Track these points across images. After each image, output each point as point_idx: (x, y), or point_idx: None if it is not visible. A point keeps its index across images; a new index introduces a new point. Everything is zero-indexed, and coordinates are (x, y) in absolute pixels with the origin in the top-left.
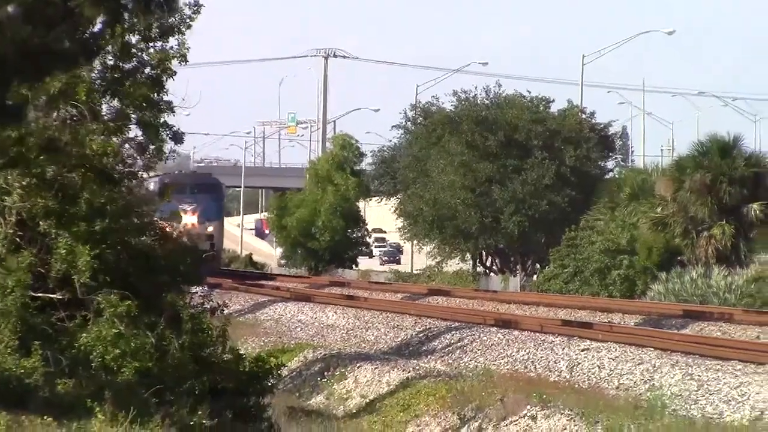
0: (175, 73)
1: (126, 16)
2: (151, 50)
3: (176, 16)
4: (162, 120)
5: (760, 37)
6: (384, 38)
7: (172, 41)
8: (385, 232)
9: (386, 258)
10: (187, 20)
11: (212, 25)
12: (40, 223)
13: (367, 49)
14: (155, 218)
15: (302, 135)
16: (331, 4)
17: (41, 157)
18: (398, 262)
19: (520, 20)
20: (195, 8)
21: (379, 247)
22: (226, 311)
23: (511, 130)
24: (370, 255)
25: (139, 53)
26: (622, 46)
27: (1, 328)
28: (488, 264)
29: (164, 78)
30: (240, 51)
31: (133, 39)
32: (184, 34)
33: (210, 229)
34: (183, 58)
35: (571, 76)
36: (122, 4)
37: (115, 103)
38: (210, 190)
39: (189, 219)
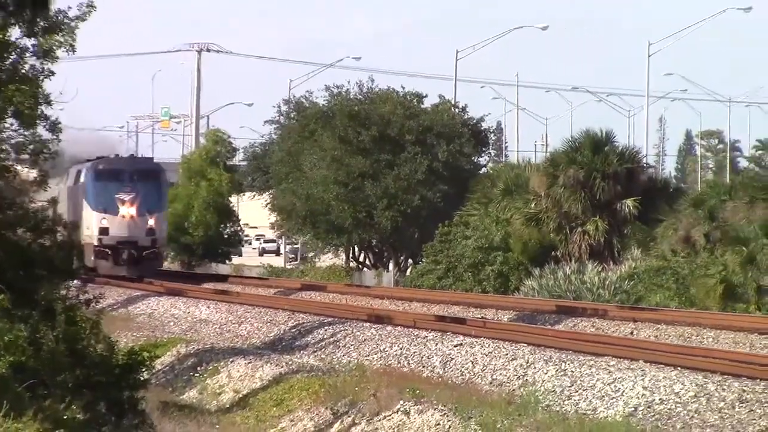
0: (58, 58)
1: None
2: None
3: (63, 12)
4: (40, 111)
5: (632, 31)
6: (257, 32)
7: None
8: (255, 227)
9: (292, 255)
10: (76, 20)
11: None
12: None
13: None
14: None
15: (175, 129)
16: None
17: None
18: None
19: (393, 13)
20: (88, 8)
21: (267, 242)
22: (99, 305)
23: (383, 125)
24: (240, 254)
25: (18, 50)
26: (497, 42)
27: None
28: (361, 259)
29: (44, 75)
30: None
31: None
32: (72, 32)
33: (151, 222)
34: (71, 48)
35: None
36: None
37: None
38: (151, 176)
39: (127, 210)
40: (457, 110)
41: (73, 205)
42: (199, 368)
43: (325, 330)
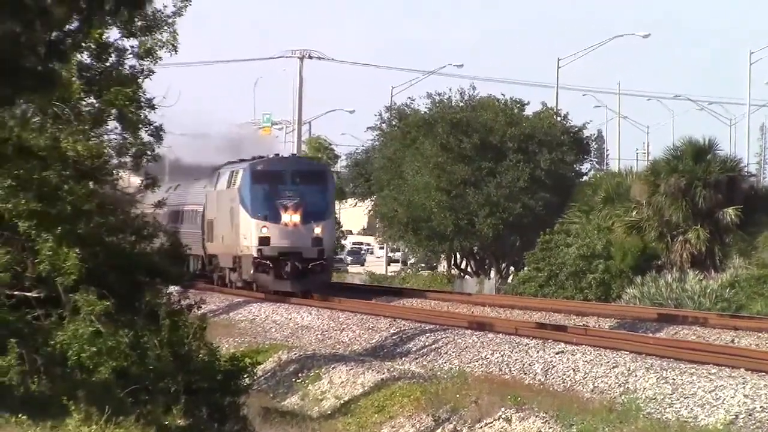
0: (160, 58)
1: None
2: (136, 42)
3: (159, 12)
4: (143, 116)
5: (735, 39)
6: (358, 39)
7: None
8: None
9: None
10: (173, 16)
11: (184, 26)
12: (20, 223)
13: (341, 50)
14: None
15: (277, 136)
16: (305, 4)
17: (20, 160)
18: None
19: (494, 21)
20: (182, 5)
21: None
22: (201, 310)
23: (485, 132)
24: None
25: (118, 50)
26: (598, 49)
27: None
28: (463, 266)
29: (144, 75)
30: (214, 52)
31: (112, 37)
32: (167, 30)
33: (317, 230)
34: (174, 49)
35: (547, 79)
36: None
37: (92, 100)
38: (317, 178)
39: (290, 217)
40: (558, 118)
41: (227, 211)
42: (300, 374)
43: (427, 337)
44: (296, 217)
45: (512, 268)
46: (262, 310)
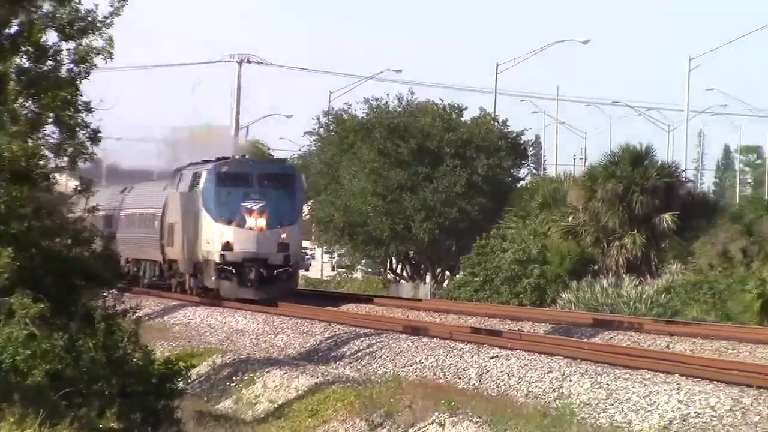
0: (96, 66)
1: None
2: (72, 46)
3: (92, 11)
4: (80, 119)
5: (673, 46)
6: (297, 44)
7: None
8: None
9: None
10: (109, 17)
11: (121, 28)
12: None
13: (280, 55)
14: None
15: (215, 141)
16: (244, 9)
17: None
18: (306, 269)
19: (434, 26)
20: (119, 5)
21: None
22: (136, 314)
23: (423, 137)
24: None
25: (57, 54)
26: (537, 55)
27: None
28: (398, 271)
29: (81, 77)
30: (150, 56)
31: (50, 40)
32: (102, 36)
33: (284, 235)
34: (109, 55)
35: (486, 85)
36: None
37: (30, 104)
38: (285, 181)
39: (255, 221)
40: (496, 123)
41: (189, 214)
42: (234, 378)
43: (361, 341)
44: (262, 222)
45: (448, 273)
46: (197, 313)
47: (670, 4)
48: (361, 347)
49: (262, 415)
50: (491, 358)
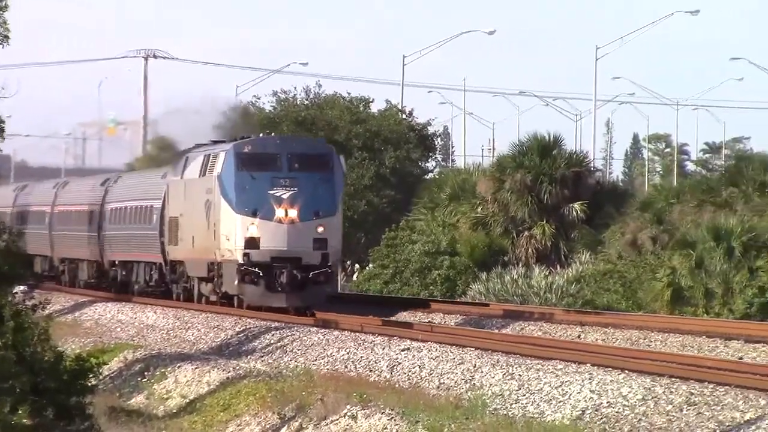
0: None
1: None
2: None
3: None
4: None
5: (581, 35)
6: (205, 38)
7: None
8: None
9: None
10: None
11: (24, 24)
12: None
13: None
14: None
15: (123, 136)
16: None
17: None
18: None
19: (341, 18)
20: None
21: None
22: (46, 311)
23: (330, 130)
24: None
25: None
26: (444, 46)
27: None
28: None
29: None
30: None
31: None
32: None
33: (321, 229)
34: (5, 39)
35: (394, 77)
36: None
37: None
38: (320, 163)
39: (285, 212)
40: (404, 115)
41: (200, 205)
42: (146, 373)
43: (272, 335)
44: (294, 213)
45: (357, 266)
46: (107, 309)
47: None
48: (272, 341)
49: (174, 410)
50: (402, 350)
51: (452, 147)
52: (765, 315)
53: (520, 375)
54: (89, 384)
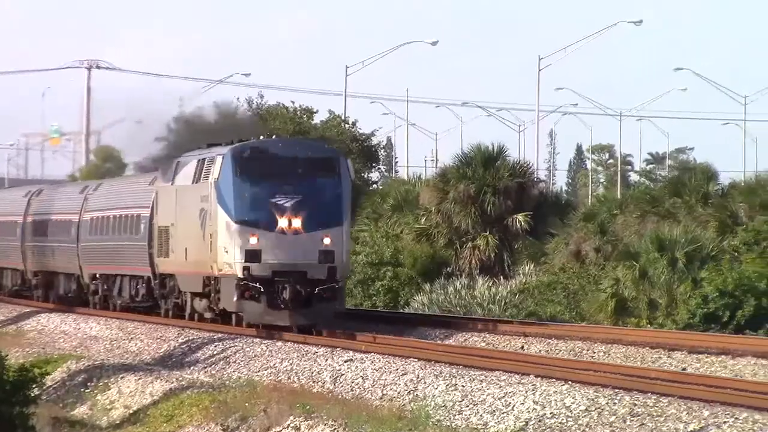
0: None
1: None
2: None
3: None
4: None
5: (524, 46)
6: (150, 48)
7: None
8: None
9: None
10: None
11: None
12: None
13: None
14: None
15: (66, 146)
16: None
17: None
18: None
19: (284, 28)
20: None
21: None
22: None
23: None
24: None
25: None
26: (387, 57)
27: None
28: None
29: None
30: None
31: None
32: None
33: (327, 240)
34: None
35: (337, 88)
36: None
37: None
38: (327, 169)
39: (289, 222)
40: (347, 126)
41: (194, 214)
42: (89, 384)
43: (216, 346)
44: (298, 222)
45: None
46: (50, 320)
47: (519, 4)
48: (215, 352)
49: (118, 421)
50: (345, 361)
51: (395, 158)
52: (708, 326)
53: (463, 386)
54: (32, 394)
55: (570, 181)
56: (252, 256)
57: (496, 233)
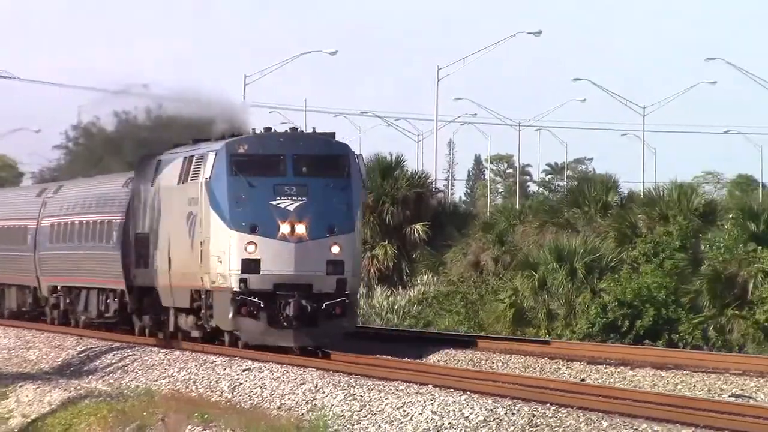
0: None
1: None
2: None
3: None
4: None
5: (423, 56)
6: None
7: None
8: None
9: None
10: None
11: None
12: None
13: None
14: None
15: None
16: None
17: None
18: None
19: (183, 38)
20: None
21: None
22: None
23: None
24: None
25: None
26: (286, 67)
27: None
28: None
29: None
30: None
31: None
32: None
33: (336, 249)
34: None
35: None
36: None
37: None
38: (335, 167)
39: (292, 228)
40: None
41: (180, 219)
42: None
43: (114, 355)
44: (302, 228)
45: None
46: None
47: (419, 14)
48: (113, 361)
49: (16, 430)
50: (244, 370)
51: None
52: (608, 336)
53: (362, 396)
54: None
55: (469, 191)
56: (250, 266)
57: (395, 243)
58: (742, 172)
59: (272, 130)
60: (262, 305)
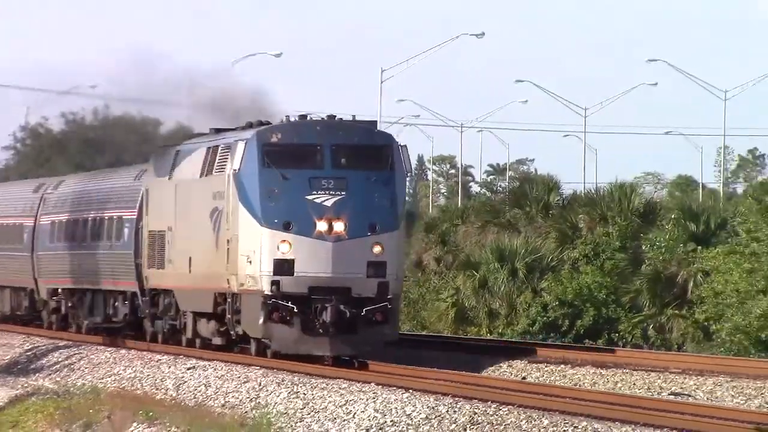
0: None
1: None
2: None
3: None
4: None
5: (366, 58)
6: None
7: None
8: None
9: None
10: None
11: None
12: None
13: None
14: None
15: None
16: None
17: None
18: None
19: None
20: None
21: None
22: None
23: (119, 150)
24: None
25: None
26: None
27: None
28: None
29: None
30: None
31: None
32: None
33: (377, 249)
34: None
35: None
36: None
37: None
38: (377, 159)
39: (329, 226)
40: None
41: (203, 215)
42: None
43: (61, 353)
44: (340, 226)
45: None
46: None
47: (363, 16)
48: (60, 359)
49: None
50: (188, 369)
51: None
52: (548, 334)
53: (305, 394)
54: None
55: (411, 191)
56: (283, 267)
57: None
58: (682, 173)
59: (308, 118)
60: (295, 310)
